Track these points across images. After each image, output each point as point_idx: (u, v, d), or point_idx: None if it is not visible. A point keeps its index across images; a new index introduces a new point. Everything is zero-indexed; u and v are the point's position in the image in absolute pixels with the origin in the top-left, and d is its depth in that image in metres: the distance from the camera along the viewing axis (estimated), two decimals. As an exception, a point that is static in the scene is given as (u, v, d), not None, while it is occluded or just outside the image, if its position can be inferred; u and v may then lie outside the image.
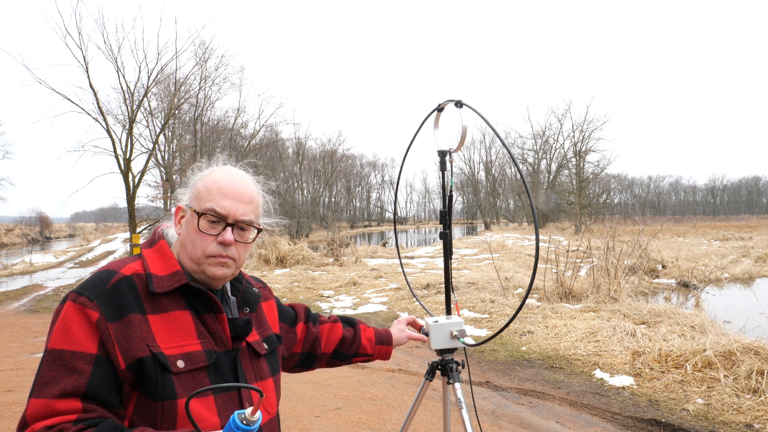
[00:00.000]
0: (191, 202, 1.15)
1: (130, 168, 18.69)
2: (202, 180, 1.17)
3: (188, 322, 1.08)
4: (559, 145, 42.57)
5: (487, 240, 24.63)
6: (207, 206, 1.12)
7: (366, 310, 8.69)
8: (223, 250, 1.12)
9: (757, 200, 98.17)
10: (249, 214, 1.16)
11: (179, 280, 1.09)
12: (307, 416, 4.03)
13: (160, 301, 1.07)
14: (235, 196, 1.14)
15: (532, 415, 4.01)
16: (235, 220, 1.13)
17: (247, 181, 1.19)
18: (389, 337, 1.70)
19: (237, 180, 1.17)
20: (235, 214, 1.13)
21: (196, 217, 1.12)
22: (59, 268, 19.51)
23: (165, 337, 1.04)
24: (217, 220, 1.12)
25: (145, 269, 1.10)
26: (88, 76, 17.60)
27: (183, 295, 1.11)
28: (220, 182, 1.14)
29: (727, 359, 4.55)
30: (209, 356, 1.07)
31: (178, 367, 1.02)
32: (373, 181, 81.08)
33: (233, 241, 1.12)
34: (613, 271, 8.41)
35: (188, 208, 1.15)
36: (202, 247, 1.11)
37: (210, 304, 1.12)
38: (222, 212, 1.12)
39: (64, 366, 0.96)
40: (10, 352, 6.40)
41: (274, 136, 32.49)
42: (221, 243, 1.12)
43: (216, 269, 1.12)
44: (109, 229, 48.81)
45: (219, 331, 1.12)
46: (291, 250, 16.82)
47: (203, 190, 1.14)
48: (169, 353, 1.03)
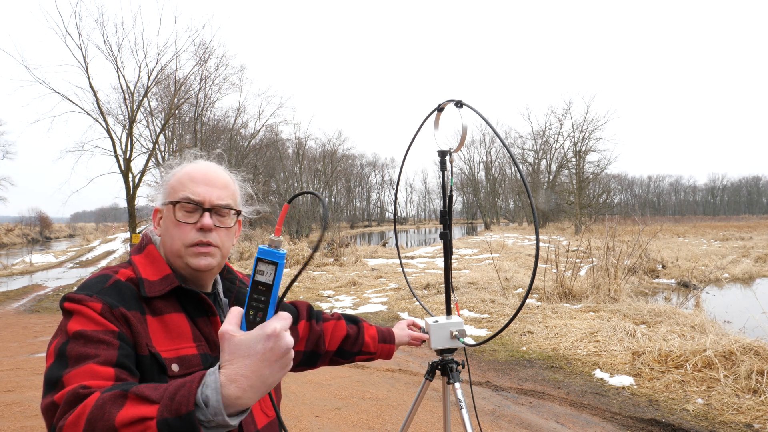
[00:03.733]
0: (165, 199, 1.13)
1: (130, 168, 18.69)
2: (174, 176, 1.15)
3: (184, 326, 1.07)
4: (559, 145, 42.59)
5: (487, 240, 24.62)
6: (181, 195, 1.10)
7: (366, 310, 8.69)
8: (203, 236, 1.09)
9: (757, 200, 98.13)
10: (225, 198, 1.14)
11: (171, 283, 1.07)
12: (307, 416, 4.03)
13: (155, 304, 1.05)
14: (208, 181, 1.12)
15: (532, 415, 4.01)
16: (211, 204, 1.11)
17: (219, 169, 1.18)
18: (392, 335, 1.69)
19: (207, 167, 1.16)
20: (210, 198, 1.11)
21: (171, 208, 1.10)
22: (59, 268, 19.51)
23: (161, 340, 1.02)
24: (193, 208, 1.10)
25: (137, 274, 1.07)
26: (88, 76, 17.61)
27: (177, 298, 1.09)
28: (192, 172, 1.13)
29: (727, 359, 4.55)
30: (204, 360, 1.06)
31: (173, 371, 1.00)
32: (373, 181, 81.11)
33: (212, 225, 1.10)
34: (613, 271, 8.40)
35: (163, 207, 1.13)
36: (181, 238, 1.09)
37: (203, 307, 1.10)
38: (197, 198, 1.10)
39: (90, 341, 0.91)
40: (10, 352, 6.40)
41: (274, 136, 32.47)
42: (201, 229, 1.09)
43: (199, 260, 1.09)
44: (109, 229, 48.82)
45: (213, 335, 1.10)
46: (291, 250, 16.82)
47: (176, 184, 1.12)
48: (164, 356, 1.01)
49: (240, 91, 32.29)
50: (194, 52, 20.81)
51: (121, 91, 18.85)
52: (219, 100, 28.94)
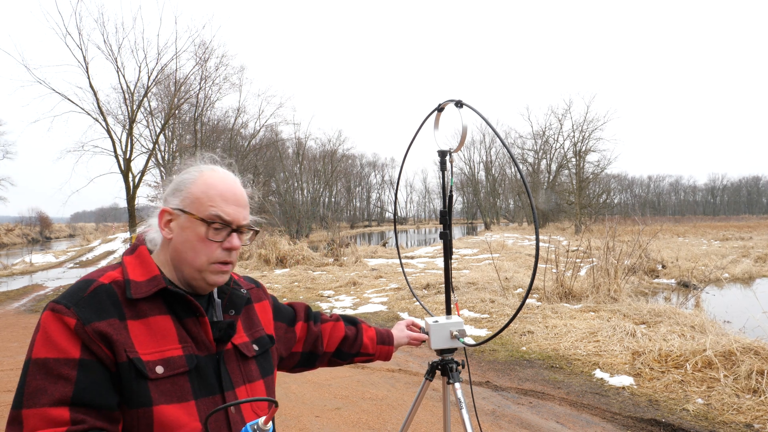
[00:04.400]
0: (188, 207, 1.12)
1: (130, 168, 18.71)
2: (195, 184, 1.13)
3: (169, 327, 1.07)
4: (559, 145, 42.61)
5: (487, 240, 24.63)
6: (212, 213, 1.10)
7: (366, 310, 8.69)
8: (228, 256, 1.13)
9: (757, 200, 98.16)
10: (248, 217, 1.17)
11: (157, 285, 1.07)
12: (307, 416, 4.03)
13: (140, 307, 1.06)
14: (236, 201, 1.14)
15: (532, 415, 4.01)
16: (238, 225, 1.14)
17: (239, 184, 1.19)
18: (390, 337, 1.70)
19: (233, 184, 1.16)
20: (238, 219, 1.14)
21: (200, 224, 1.10)
22: (59, 268, 19.51)
23: (144, 343, 1.03)
24: (221, 226, 1.12)
25: (124, 276, 1.08)
26: (88, 76, 17.63)
27: (164, 299, 1.09)
28: (219, 187, 1.13)
29: (727, 359, 4.55)
30: (189, 361, 1.06)
31: (156, 373, 1.01)
32: (373, 181, 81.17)
33: (240, 246, 1.14)
34: (613, 271, 8.40)
35: (182, 213, 1.12)
36: (207, 254, 1.11)
37: (191, 308, 1.10)
38: (228, 219, 1.12)
39: (49, 374, 0.95)
40: (10, 352, 6.40)
41: (274, 136, 32.48)
42: (227, 249, 1.13)
43: (217, 277, 1.13)
44: (109, 229, 48.81)
45: (201, 335, 1.10)
46: (291, 250, 16.82)
47: (202, 196, 1.11)
48: (147, 359, 1.01)
49: (240, 91, 32.33)
50: (194, 52, 20.87)
51: (121, 91, 18.87)
52: (219, 100, 28.98)
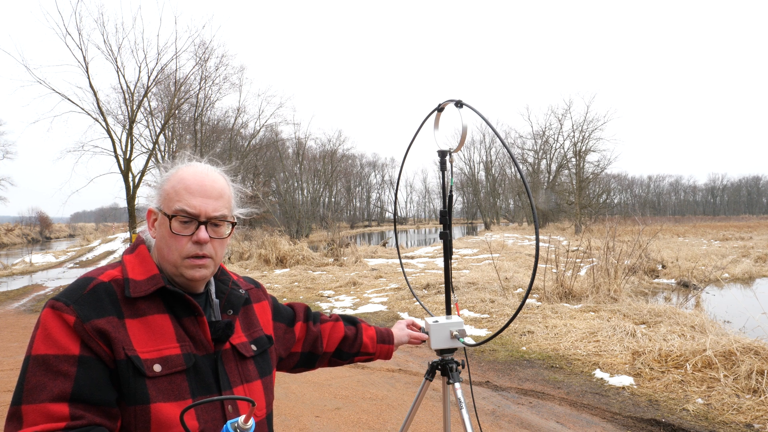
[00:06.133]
0: (161, 205, 1.13)
1: (130, 168, 18.71)
2: (169, 181, 1.14)
3: (167, 326, 1.07)
4: (559, 145, 42.59)
5: (487, 240, 24.63)
6: (176, 207, 1.10)
7: (366, 310, 8.69)
8: (199, 249, 1.11)
9: (757, 200, 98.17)
10: (221, 209, 1.14)
11: (156, 284, 1.08)
12: (307, 416, 4.03)
13: (139, 306, 1.06)
14: (204, 192, 1.12)
15: (532, 415, 4.01)
16: (207, 217, 1.12)
17: (214, 175, 1.17)
18: (390, 336, 1.70)
19: (203, 176, 1.14)
20: (206, 211, 1.11)
21: (167, 219, 1.10)
22: (59, 268, 19.51)
23: (142, 341, 1.03)
24: (189, 219, 1.10)
25: (124, 274, 1.09)
26: (88, 76, 17.64)
27: (162, 298, 1.10)
28: (187, 180, 1.12)
29: (727, 359, 4.55)
30: (187, 360, 1.06)
31: (154, 371, 1.01)
32: (373, 181, 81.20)
33: (208, 239, 1.11)
34: (613, 271, 8.40)
35: (159, 211, 1.13)
36: (178, 249, 1.10)
37: (190, 308, 1.11)
38: (193, 211, 1.10)
39: (49, 370, 0.96)
40: (10, 352, 6.40)
41: (274, 136, 32.47)
42: (196, 242, 1.10)
43: (194, 271, 1.11)
44: (109, 229, 48.86)
45: (199, 335, 1.10)
46: (291, 250, 16.81)
47: (171, 191, 1.12)
48: (145, 357, 1.01)
49: (240, 91, 32.32)
50: (194, 52, 20.84)
51: (121, 91, 18.87)
52: (219, 100, 29.00)
